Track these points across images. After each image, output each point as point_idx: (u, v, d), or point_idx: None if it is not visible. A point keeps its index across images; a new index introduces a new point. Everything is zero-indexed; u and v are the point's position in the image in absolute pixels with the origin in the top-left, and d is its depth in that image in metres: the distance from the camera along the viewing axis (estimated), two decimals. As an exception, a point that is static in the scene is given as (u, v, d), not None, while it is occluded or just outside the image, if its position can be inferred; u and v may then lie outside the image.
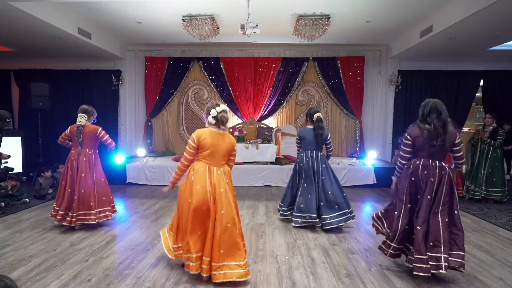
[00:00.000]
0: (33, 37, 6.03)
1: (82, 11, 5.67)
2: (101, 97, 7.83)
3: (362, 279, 2.75)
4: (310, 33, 5.87)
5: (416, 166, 2.77)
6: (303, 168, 4.06)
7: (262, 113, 8.15)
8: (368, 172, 6.63)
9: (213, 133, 2.71)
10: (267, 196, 5.84)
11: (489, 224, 4.28)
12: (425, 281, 2.70)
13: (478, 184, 5.42)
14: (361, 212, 4.91)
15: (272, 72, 8.00)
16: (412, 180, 2.78)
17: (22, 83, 7.80)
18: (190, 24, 5.78)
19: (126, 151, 7.96)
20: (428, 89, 7.72)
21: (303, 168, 4.06)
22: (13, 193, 5.10)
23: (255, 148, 6.81)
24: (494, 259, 3.18)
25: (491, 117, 5.42)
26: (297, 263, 3.06)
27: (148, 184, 6.63)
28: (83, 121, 3.97)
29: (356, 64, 7.91)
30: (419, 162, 2.76)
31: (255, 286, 2.64)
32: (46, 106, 6.65)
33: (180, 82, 8.13)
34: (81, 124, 3.95)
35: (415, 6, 5.31)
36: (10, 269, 2.89)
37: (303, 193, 4.01)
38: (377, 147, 7.99)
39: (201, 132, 2.71)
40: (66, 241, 3.55)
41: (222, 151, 2.73)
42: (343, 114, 8.19)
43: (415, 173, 2.76)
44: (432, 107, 2.70)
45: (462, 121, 7.75)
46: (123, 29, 6.66)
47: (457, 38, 5.90)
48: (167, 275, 2.79)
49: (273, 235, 3.81)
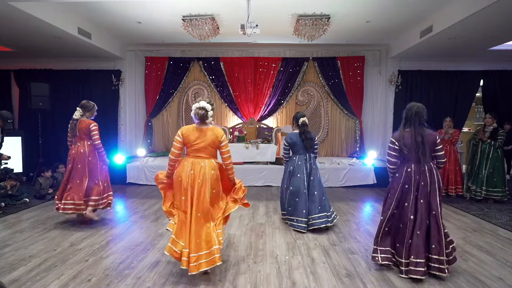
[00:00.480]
0: (33, 37, 6.03)
1: (82, 11, 5.67)
2: (101, 97, 7.81)
3: (362, 279, 2.75)
4: (310, 33, 5.87)
5: (408, 174, 2.83)
6: (296, 171, 4.05)
7: (262, 113, 8.15)
8: (368, 172, 6.63)
9: (195, 129, 2.83)
10: (267, 196, 5.84)
11: (489, 224, 4.28)
12: (425, 281, 2.70)
13: (479, 184, 5.41)
14: (361, 212, 4.91)
15: (272, 72, 8.00)
16: (406, 187, 2.83)
17: (22, 83, 7.80)
18: (190, 24, 5.78)
19: (126, 151, 7.95)
20: (428, 89, 7.72)
21: (296, 171, 4.05)
22: (13, 193, 5.10)
23: (255, 148, 6.81)
24: (494, 259, 3.18)
25: (491, 117, 5.41)
26: (297, 263, 3.06)
27: (148, 184, 6.63)
28: (78, 115, 3.99)
29: (356, 64, 7.91)
30: (410, 170, 2.82)
31: (255, 286, 2.64)
32: (46, 106, 6.65)
33: (180, 82, 8.13)
34: (75, 118, 3.97)
35: (415, 6, 5.31)
36: (10, 269, 2.89)
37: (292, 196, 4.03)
38: (377, 147, 7.99)
39: (186, 129, 2.85)
40: (66, 241, 3.55)
41: (206, 145, 2.80)
42: (343, 114, 8.19)
43: (408, 181, 2.82)
44: (416, 112, 2.83)
45: (462, 121, 7.76)
46: (123, 29, 6.66)
47: (457, 38, 5.90)
48: (167, 275, 2.79)
49: (273, 235, 3.81)
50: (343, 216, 4.62)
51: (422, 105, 2.88)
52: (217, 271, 2.87)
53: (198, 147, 2.80)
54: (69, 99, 7.76)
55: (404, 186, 2.84)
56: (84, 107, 4.05)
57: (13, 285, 2.61)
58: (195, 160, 2.80)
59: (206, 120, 2.83)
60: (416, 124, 2.81)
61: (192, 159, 2.81)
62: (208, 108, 2.82)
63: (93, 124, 3.98)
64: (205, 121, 2.84)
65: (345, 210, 4.95)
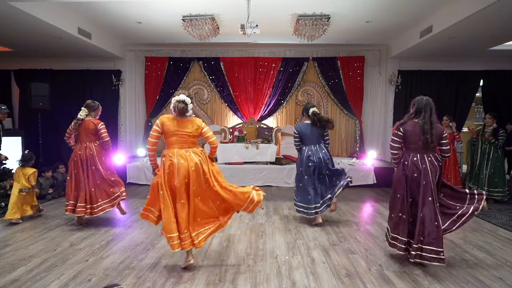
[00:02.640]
0: (33, 37, 6.03)
1: (82, 11, 5.67)
2: (101, 97, 7.76)
3: (362, 279, 2.75)
4: (310, 33, 5.88)
5: (412, 161, 2.92)
6: (307, 162, 4.08)
7: (262, 113, 8.15)
8: (368, 172, 6.63)
9: (175, 119, 2.86)
10: (267, 196, 5.82)
11: (489, 224, 4.28)
12: (425, 280, 2.70)
13: (480, 184, 5.41)
14: (361, 212, 4.91)
15: (272, 72, 8.00)
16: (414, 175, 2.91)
17: (22, 83, 7.80)
18: (190, 24, 5.78)
19: (126, 151, 7.96)
20: (428, 89, 7.69)
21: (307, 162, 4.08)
22: (13, 193, 5.08)
23: (255, 148, 6.81)
24: (494, 259, 3.18)
25: (491, 117, 5.41)
26: (297, 263, 3.05)
27: (148, 184, 6.61)
28: (83, 114, 3.99)
29: (356, 64, 7.91)
30: (416, 159, 2.91)
31: (255, 286, 2.64)
32: (46, 106, 6.64)
33: (180, 82, 8.13)
34: (80, 117, 3.97)
35: (415, 6, 5.31)
36: (10, 269, 2.89)
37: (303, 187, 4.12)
38: (377, 147, 7.99)
39: (166, 118, 2.88)
40: (66, 241, 3.55)
41: (186, 135, 2.85)
42: (343, 114, 8.19)
43: (412, 168, 2.91)
44: (426, 103, 2.89)
45: (462, 121, 7.75)
46: (123, 29, 6.67)
47: (457, 38, 5.90)
48: (167, 275, 2.79)
49: (273, 235, 3.81)
50: (343, 216, 4.62)
51: (430, 98, 2.94)
52: (217, 271, 2.87)
53: (177, 137, 2.84)
54: (69, 99, 7.76)
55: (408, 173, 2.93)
56: (90, 107, 4.06)
57: (13, 285, 2.61)
58: (180, 151, 2.83)
59: (186, 113, 2.84)
60: (427, 114, 2.86)
61: (175, 149, 2.84)
62: (188, 102, 2.82)
63: (100, 123, 4.02)
64: (184, 114, 2.85)
65: (345, 210, 4.95)
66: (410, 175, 2.91)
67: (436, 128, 2.86)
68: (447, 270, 2.90)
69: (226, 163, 6.76)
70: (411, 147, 2.94)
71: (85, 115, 4.01)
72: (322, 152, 4.12)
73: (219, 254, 3.24)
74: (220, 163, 6.74)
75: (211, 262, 3.07)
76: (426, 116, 2.85)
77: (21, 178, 4.35)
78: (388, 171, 6.30)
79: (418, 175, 2.88)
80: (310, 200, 4.01)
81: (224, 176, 3.14)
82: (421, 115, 2.87)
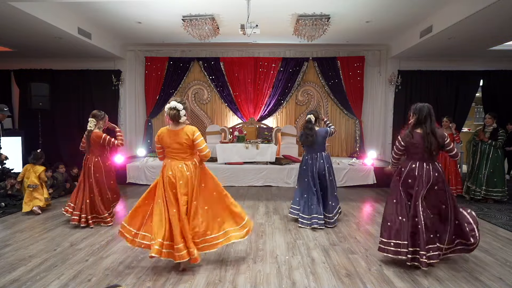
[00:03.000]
0: (33, 37, 6.03)
1: (82, 11, 5.67)
2: (101, 97, 7.83)
3: (362, 279, 2.75)
4: (310, 33, 5.88)
5: (412, 169, 2.93)
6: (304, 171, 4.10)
7: (262, 113, 8.15)
8: (368, 172, 6.63)
9: (169, 131, 2.87)
10: (267, 196, 5.84)
11: (489, 224, 4.28)
12: (425, 280, 2.70)
13: (479, 184, 5.41)
14: (361, 212, 4.91)
15: (272, 72, 8.00)
16: (409, 182, 2.93)
17: (22, 83, 7.80)
18: (190, 24, 5.78)
19: (126, 151, 7.95)
20: (428, 89, 7.72)
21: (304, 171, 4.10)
22: (13, 193, 5.10)
23: (255, 148, 6.81)
24: (494, 259, 3.18)
25: (491, 117, 5.41)
26: (297, 263, 3.06)
27: (148, 184, 6.56)
28: (92, 125, 4.01)
29: (356, 64, 7.91)
30: (415, 166, 2.93)
31: (255, 286, 2.64)
32: (46, 106, 6.64)
33: (180, 82, 8.14)
34: (90, 129, 4.00)
35: (415, 6, 5.31)
36: (10, 269, 2.89)
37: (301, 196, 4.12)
38: (377, 147, 7.99)
39: (160, 131, 2.93)
40: (66, 241, 3.55)
41: (179, 145, 2.83)
42: (343, 114, 8.19)
43: (411, 175, 2.92)
44: (426, 114, 2.89)
45: (462, 121, 7.76)
46: (123, 29, 6.67)
47: (457, 38, 5.90)
48: (167, 275, 2.79)
49: (273, 235, 3.81)
50: (343, 216, 4.62)
51: (430, 106, 2.95)
52: (217, 271, 2.87)
53: (172, 149, 2.86)
54: (69, 99, 7.78)
55: (408, 180, 2.93)
56: (97, 117, 4.07)
57: (13, 285, 2.62)
58: (172, 162, 2.85)
59: (179, 119, 2.82)
60: (428, 124, 2.87)
61: (169, 160, 2.88)
62: (180, 108, 2.80)
63: (103, 136, 4.02)
64: (178, 121, 2.83)
65: (345, 210, 4.95)
66: (405, 181, 2.94)
67: (437, 136, 2.87)
68: (447, 270, 2.90)
69: (226, 163, 6.76)
70: (413, 156, 2.96)
71: (94, 125, 4.03)
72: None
73: (219, 254, 3.24)
74: (220, 163, 6.74)
75: (211, 262, 3.07)
76: (427, 126, 2.86)
77: (31, 174, 4.61)
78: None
79: (413, 181, 2.91)
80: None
81: (224, 176, 3.16)
82: (422, 125, 2.88)
